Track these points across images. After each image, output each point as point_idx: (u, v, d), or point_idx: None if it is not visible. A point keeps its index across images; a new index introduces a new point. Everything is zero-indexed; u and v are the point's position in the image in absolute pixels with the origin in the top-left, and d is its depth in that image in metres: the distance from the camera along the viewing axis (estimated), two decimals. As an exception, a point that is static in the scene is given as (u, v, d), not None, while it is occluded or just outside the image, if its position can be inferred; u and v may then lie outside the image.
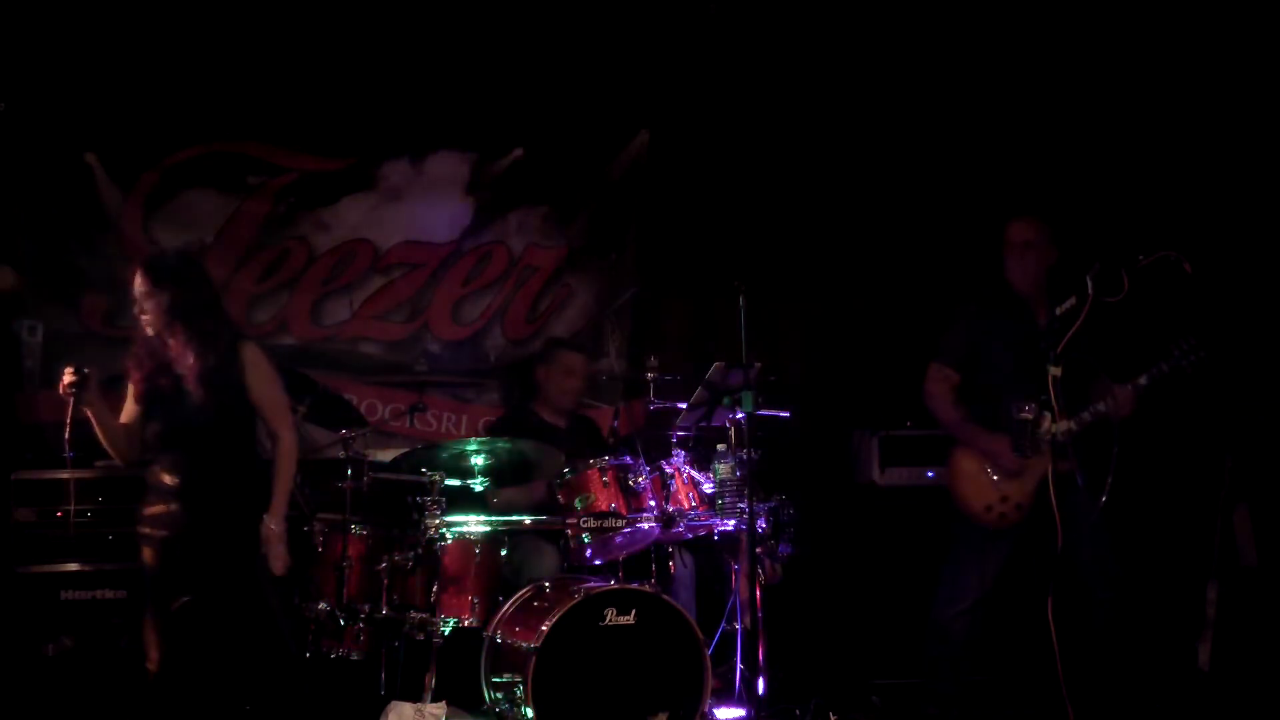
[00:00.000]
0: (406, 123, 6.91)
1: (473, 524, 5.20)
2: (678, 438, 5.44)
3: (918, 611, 5.11)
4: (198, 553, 4.22)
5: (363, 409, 6.62)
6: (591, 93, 6.96)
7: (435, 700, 4.90)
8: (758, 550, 5.05)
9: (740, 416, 5.01)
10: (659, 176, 7.16)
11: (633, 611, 4.80)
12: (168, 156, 6.76)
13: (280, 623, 4.42)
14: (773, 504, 5.23)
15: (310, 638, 5.08)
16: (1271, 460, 5.65)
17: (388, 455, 5.95)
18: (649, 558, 5.46)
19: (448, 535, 5.09)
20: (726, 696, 5.17)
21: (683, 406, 5.42)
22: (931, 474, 6.18)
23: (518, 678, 4.68)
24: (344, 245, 6.99)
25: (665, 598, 4.91)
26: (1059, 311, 4.64)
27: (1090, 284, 4.51)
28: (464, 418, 7.03)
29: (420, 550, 5.03)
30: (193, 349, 4.26)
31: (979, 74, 6.63)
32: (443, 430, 6.98)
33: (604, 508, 5.09)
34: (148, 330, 4.30)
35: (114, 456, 4.42)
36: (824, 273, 7.07)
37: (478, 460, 5.26)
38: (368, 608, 5.06)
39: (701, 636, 4.88)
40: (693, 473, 5.31)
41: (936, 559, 5.10)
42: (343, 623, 5.06)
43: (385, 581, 5.04)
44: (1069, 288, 4.62)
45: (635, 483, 5.14)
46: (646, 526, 5.11)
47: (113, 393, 4.41)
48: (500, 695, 4.84)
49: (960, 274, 6.09)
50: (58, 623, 5.58)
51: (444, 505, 5.09)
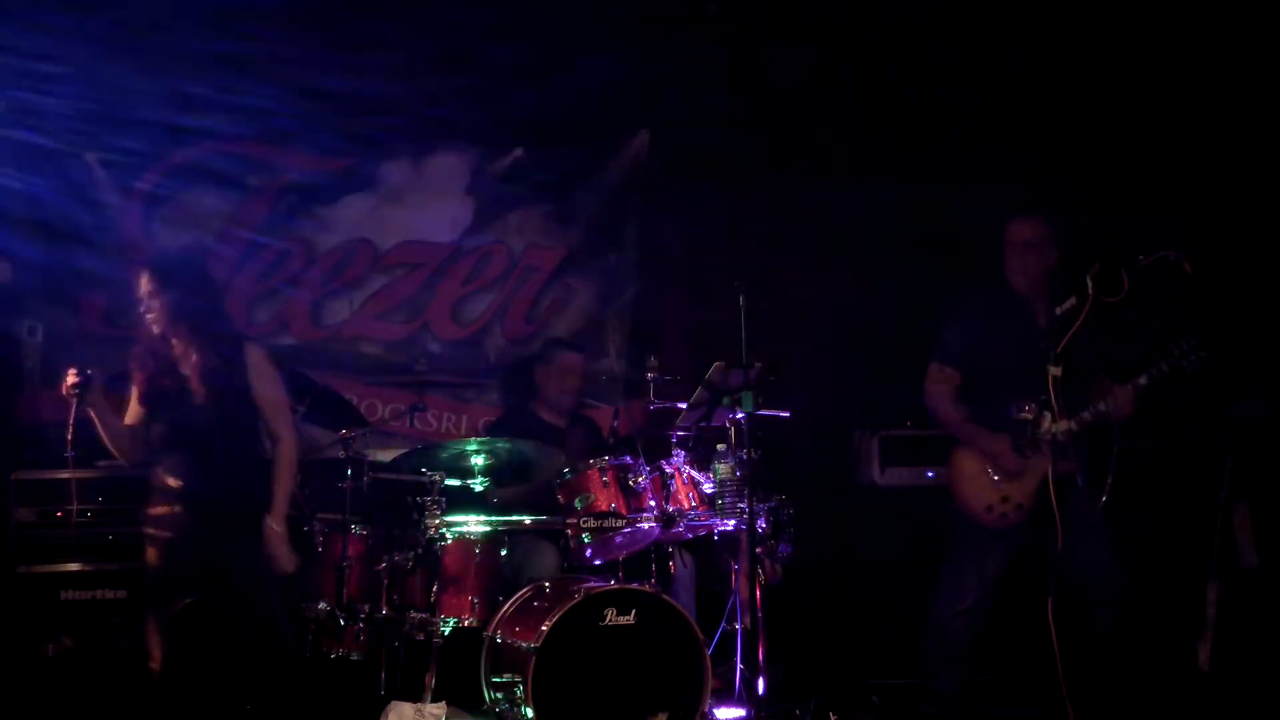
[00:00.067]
0: (406, 123, 6.91)
1: (473, 524, 5.20)
2: (678, 438, 5.44)
3: (918, 611, 5.11)
4: (201, 554, 4.23)
5: (363, 409, 6.62)
6: (591, 93, 6.95)
7: (435, 700, 4.91)
8: (758, 550, 5.05)
9: (740, 416, 5.01)
10: (659, 176, 7.16)
11: (633, 611, 4.80)
12: (168, 156, 6.76)
13: (282, 623, 4.41)
14: (773, 504, 5.22)
15: (310, 638, 5.09)
16: (1271, 460, 5.65)
17: (388, 455, 5.95)
18: (649, 558, 5.46)
19: (448, 535, 5.10)
20: (726, 696, 5.16)
21: (683, 406, 5.41)
22: (931, 474, 6.18)
23: (518, 678, 4.68)
24: (344, 245, 6.99)
25: (665, 598, 4.91)
26: (1059, 311, 4.64)
27: (1090, 284, 4.50)
28: (464, 418, 7.03)
29: (420, 550, 5.04)
30: (196, 349, 4.27)
31: (979, 74, 6.62)
32: (443, 430, 6.98)
33: (604, 508, 5.09)
34: (153, 329, 4.30)
35: (118, 457, 4.42)
36: (824, 273, 7.06)
37: (478, 460, 5.27)
38: (368, 608, 5.07)
39: (701, 636, 4.88)
40: (693, 473, 5.31)
41: (936, 559, 5.10)
42: (343, 623, 5.06)
43: (385, 581, 5.05)
44: (1069, 288, 4.62)
45: (635, 483, 5.14)
46: (646, 526, 5.11)
47: (115, 394, 4.41)
48: (500, 695, 4.84)
49: (960, 274, 6.08)
50: (58, 623, 5.57)
51: (444, 505, 5.10)
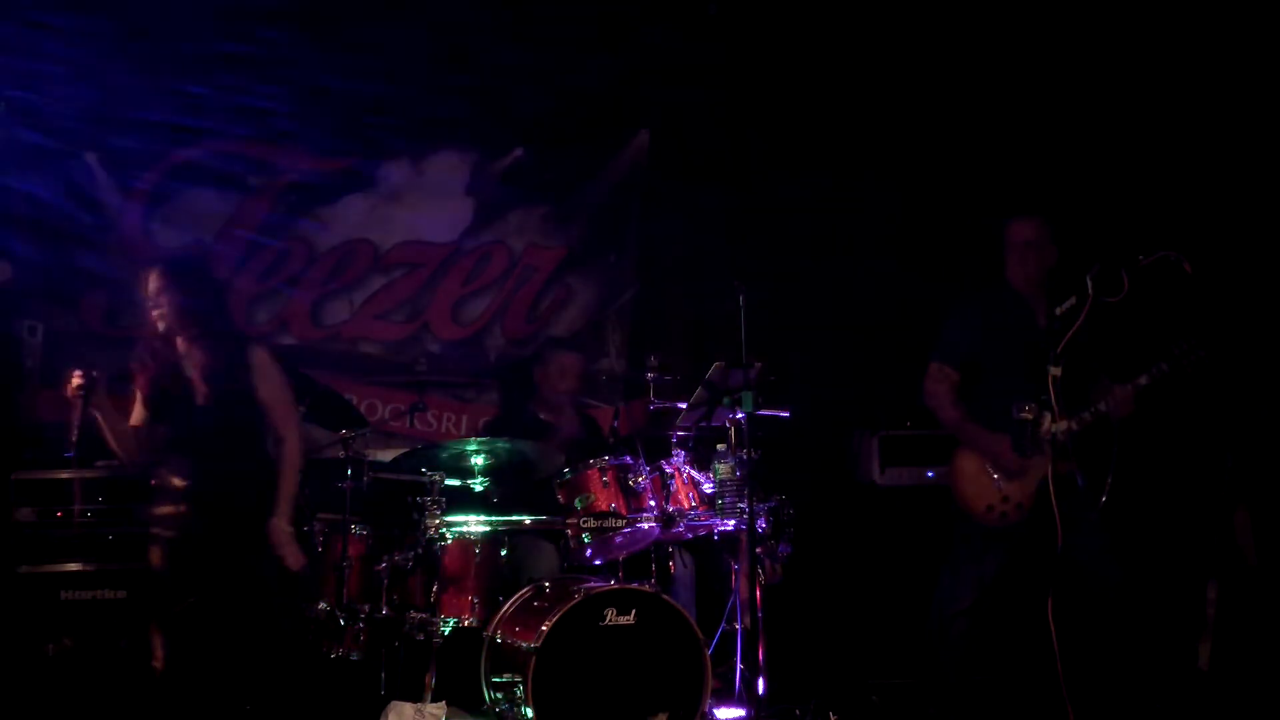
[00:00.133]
0: (406, 123, 6.91)
1: (473, 524, 5.20)
2: (678, 438, 5.44)
3: (918, 611, 5.10)
4: (205, 554, 4.23)
5: (363, 409, 6.63)
6: (591, 93, 6.96)
7: (435, 700, 4.91)
8: (758, 550, 5.05)
9: (740, 416, 5.01)
10: (659, 176, 7.16)
11: (633, 611, 4.80)
12: (168, 156, 6.76)
13: (284, 624, 4.42)
14: (773, 504, 5.22)
15: (310, 638, 5.08)
16: (1271, 460, 5.65)
17: (388, 455, 5.96)
18: (649, 558, 5.46)
19: (448, 535, 5.10)
20: (726, 696, 5.16)
21: (683, 406, 5.41)
22: (931, 474, 6.18)
23: (518, 678, 4.67)
24: (344, 245, 7.00)
25: (665, 598, 4.90)
26: (1059, 311, 4.63)
27: (1090, 284, 4.50)
28: (464, 418, 7.03)
29: (420, 550, 5.04)
30: (202, 350, 4.28)
31: (979, 74, 6.63)
32: (443, 430, 6.98)
33: (604, 508, 5.09)
34: (158, 327, 4.29)
35: (122, 458, 4.42)
36: (824, 272, 7.06)
37: (478, 460, 5.27)
38: (368, 608, 5.06)
39: (701, 636, 4.88)
40: (693, 473, 5.31)
41: (936, 559, 5.09)
42: (343, 623, 5.06)
43: (385, 581, 5.05)
44: (1069, 288, 4.62)
45: (635, 483, 5.14)
46: (646, 526, 5.11)
47: (117, 394, 4.41)
48: (500, 695, 4.84)
49: (960, 274, 6.08)
50: (58, 623, 5.57)
51: (444, 505, 5.10)
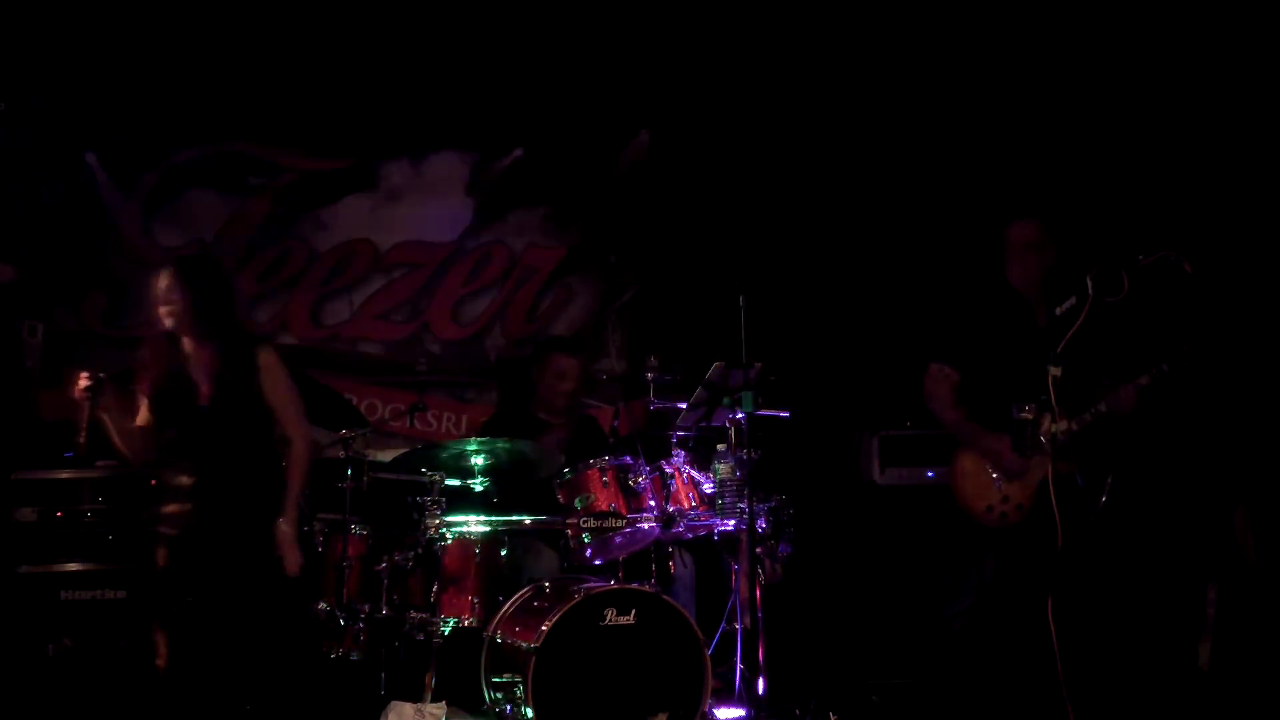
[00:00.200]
0: (406, 123, 6.92)
1: (473, 524, 5.20)
2: (678, 438, 5.44)
3: (918, 611, 5.11)
4: (209, 553, 4.22)
5: (363, 409, 6.64)
6: (591, 93, 6.96)
7: (435, 700, 4.91)
8: (758, 550, 5.05)
9: (740, 416, 5.01)
10: (659, 176, 7.16)
11: (633, 611, 4.80)
12: (168, 157, 6.77)
13: (285, 624, 4.42)
14: (773, 504, 5.22)
15: (310, 638, 5.08)
16: (1271, 460, 5.65)
17: (388, 455, 5.96)
18: (649, 558, 5.46)
19: (448, 535, 5.09)
20: (726, 696, 5.16)
21: (683, 406, 5.41)
22: (931, 474, 6.18)
23: (518, 678, 4.67)
24: (344, 245, 7.01)
25: (665, 598, 4.90)
26: (1059, 311, 4.63)
27: (1090, 284, 4.50)
28: (464, 418, 7.03)
29: (420, 550, 5.04)
30: (211, 350, 4.28)
31: (979, 74, 6.62)
32: (443, 430, 6.99)
33: (604, 508, 5.09)
34: (167, 324, 4.29)
35: (129, 458, 4.40)
36: (824, 272, 7.06)
37: (478, 460, 5.26)
38: (368, 608, 5.06)
39: (701, 636, 4.87)
40: (693, 473, 5.31)
41: (936, 559, 5.10)
42: (343, 623, 5.06)
43: (385, 581, 5.05)
44: (1069, 288, 4.62)
45: (635, 483, 5.14)
46: (646, 526, 5.11)
47: (122, 394, 4.40)
48: (500, 695, 4.84)
49: (960, 274, 6.08)
50: (58, 623, 5.58)
51: (444, 505, 5.10)
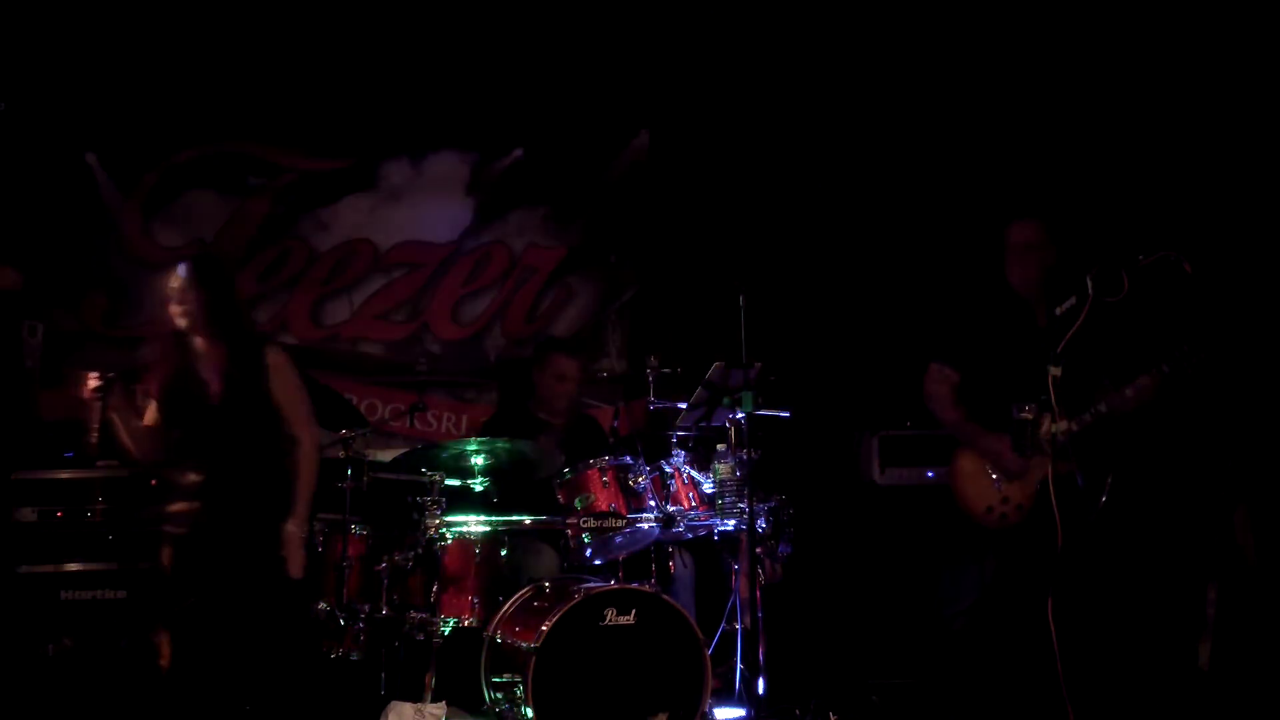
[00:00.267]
0: (406, 123, 6.93)
1: (473, 524, 5.20)
2: (678, 438, 5.44)
3: (918, 611, 5.10)
4: (216, 552, 4.22)
5: (363, 409, 6.64)
6: (591, 93, 6.96)
7: (435, 700, 4.91)
8: (758, 550, 5.05)
9: (740, 416, 5.01)
10: (659, 176, 7.16)
11: (633, 611, 4.80)
12: (168, 157, 6.78)
13: (286, 624, 4.42)
14: (773, 504, 5.22)
15: (310, 638, 5.08)
16: (1271, 460, 5.65)
17: (388, 455, 5.96)
18: (649, 558, 5.46)
19: (448, 535, 5.09)
20: (726, 696, 5.16)
21: (683, 406, 5.41)
22: (931, 474, 6.18)
23: (518, 678, 4.67)
24: (344, 245, 7.01)
25: (665, 598, 4.90)
26: (1059, 311, 4.63)
27: (1090, 284, 4.50)
28: (464, 418, 7.04)
29: (420, 550, 5.04)
30: (222, 349, 4.28)
31: (979, 74, 6.62)
32: (443, 430, 6.99)
33: (604, 508, 5.09)
34: (180, 323, 4.29)
35: (138, 457, 4.40)
36: (824, 272, 7.06)
37: (478, 460, 5.26)
38: (368, 608, 5.06)
39: (701, 636, 4.87)
40: (693, 473, 5.31)
41: (936, 559, 5.10)
42: (343, 623, 5.06)
43: (385, 581, 5.05)
44: (1069, 288, 4.62)
45: (635, 483, 5.14)
46: (646, 526, 5.11)
47: (133, 396, 4.40)
48: (500, 695, 4.84)
49: (960, 274, 6.08)
50: (58, 623, 5.58)
51: (444, 505, 5.09)
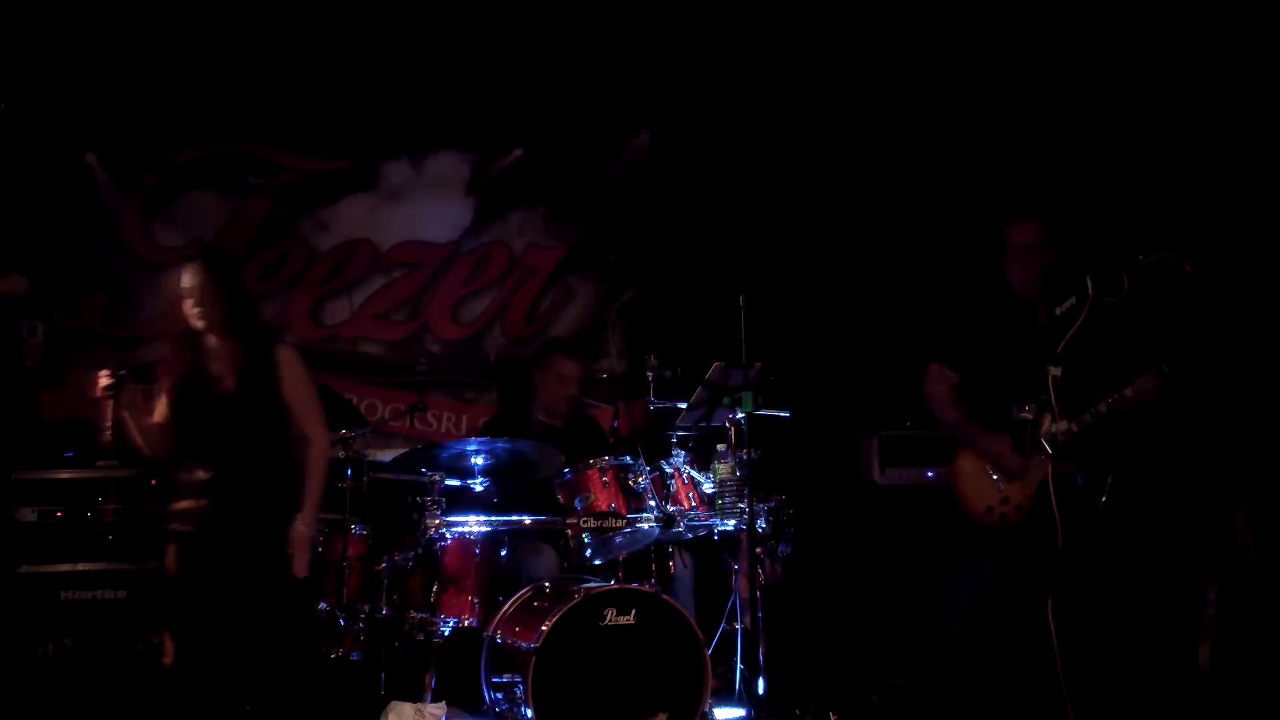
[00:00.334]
0: (406, 123, 6.93)
1: (473, 524, 5.20)
2: (678, 438, 5.44)
3: (918, 611, 5.10)
4: (222, 549, 4.21)
5: (363, 409, 6.64)
6: (591, 93, 6.96)
7: (435, 700, 4.91)
8: (758, 550, 5.05)
9: (740, 416, 5.01)
10: (659, 176, 7.16)
11: (633, 611, 4.80)
12: (168, 157, 6.79)
13: (292, 624, 4.41)
14: (773, 504, 5.22)
15: (311, 638, 5.08)
16: (1271, 460, 5.65)
17: (388, 455, 5.96)
18: (649, 558, 5.46)
19: (448, 535, 5.09)
20: (726, 696, 5.16)
21: (683, 406, 5.41)
22: (931, 474, 6.18)
23: (518, 678, 4.67)
24: (344, 245, 7.01)
25: (665, 598, 4.90)
26: (1059, 311, 4.63)
27: (1090, 284, 4.50)
28: (464, 418, 7.04)
29: (420, 550, 5.04)
30: (234, 347, 4.28)
31: (979, 74, 6.63)
32: (443, 430, 6.99)
33: (604, 508, 5.09)
34: (196, 322, 4.28)
35: (148, 455, 4.38)
36: (824, 273, 7.06)
37: (478, 460, 5.26)
38: (368, 608, 5.06)
39: (701, 636, 4.87)
40: (693, 473, 5.31)
41: (936, 559, 5.10)
42: (343, 623, 5.06)
43: (385, 581, 5.05)
44: (1069, 288, 4.62)
45: (635, 483, 5.14)
46: (646, 526, 5.11)
47: (143, 393, 4.40)
48: (500, 695, 4.84)
49: (960, 274, 6.08)
50: (58, 623, 5.58)
51: (444, 505, 5.09)
